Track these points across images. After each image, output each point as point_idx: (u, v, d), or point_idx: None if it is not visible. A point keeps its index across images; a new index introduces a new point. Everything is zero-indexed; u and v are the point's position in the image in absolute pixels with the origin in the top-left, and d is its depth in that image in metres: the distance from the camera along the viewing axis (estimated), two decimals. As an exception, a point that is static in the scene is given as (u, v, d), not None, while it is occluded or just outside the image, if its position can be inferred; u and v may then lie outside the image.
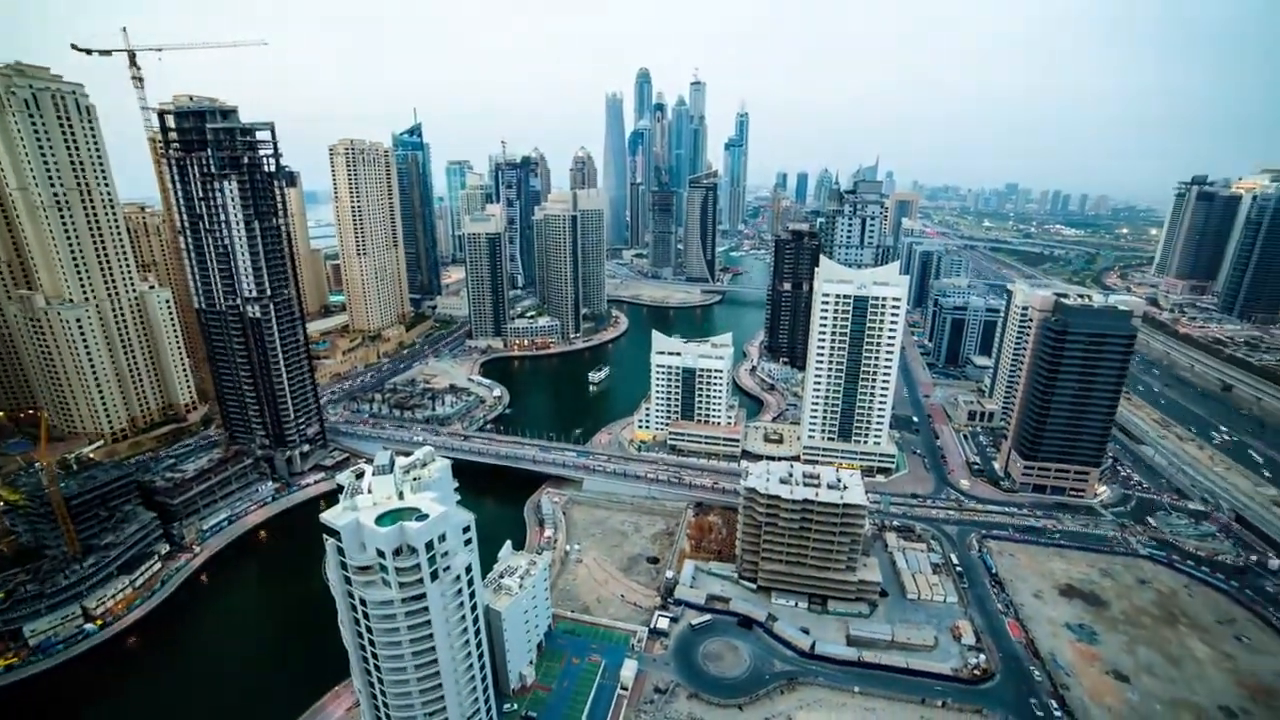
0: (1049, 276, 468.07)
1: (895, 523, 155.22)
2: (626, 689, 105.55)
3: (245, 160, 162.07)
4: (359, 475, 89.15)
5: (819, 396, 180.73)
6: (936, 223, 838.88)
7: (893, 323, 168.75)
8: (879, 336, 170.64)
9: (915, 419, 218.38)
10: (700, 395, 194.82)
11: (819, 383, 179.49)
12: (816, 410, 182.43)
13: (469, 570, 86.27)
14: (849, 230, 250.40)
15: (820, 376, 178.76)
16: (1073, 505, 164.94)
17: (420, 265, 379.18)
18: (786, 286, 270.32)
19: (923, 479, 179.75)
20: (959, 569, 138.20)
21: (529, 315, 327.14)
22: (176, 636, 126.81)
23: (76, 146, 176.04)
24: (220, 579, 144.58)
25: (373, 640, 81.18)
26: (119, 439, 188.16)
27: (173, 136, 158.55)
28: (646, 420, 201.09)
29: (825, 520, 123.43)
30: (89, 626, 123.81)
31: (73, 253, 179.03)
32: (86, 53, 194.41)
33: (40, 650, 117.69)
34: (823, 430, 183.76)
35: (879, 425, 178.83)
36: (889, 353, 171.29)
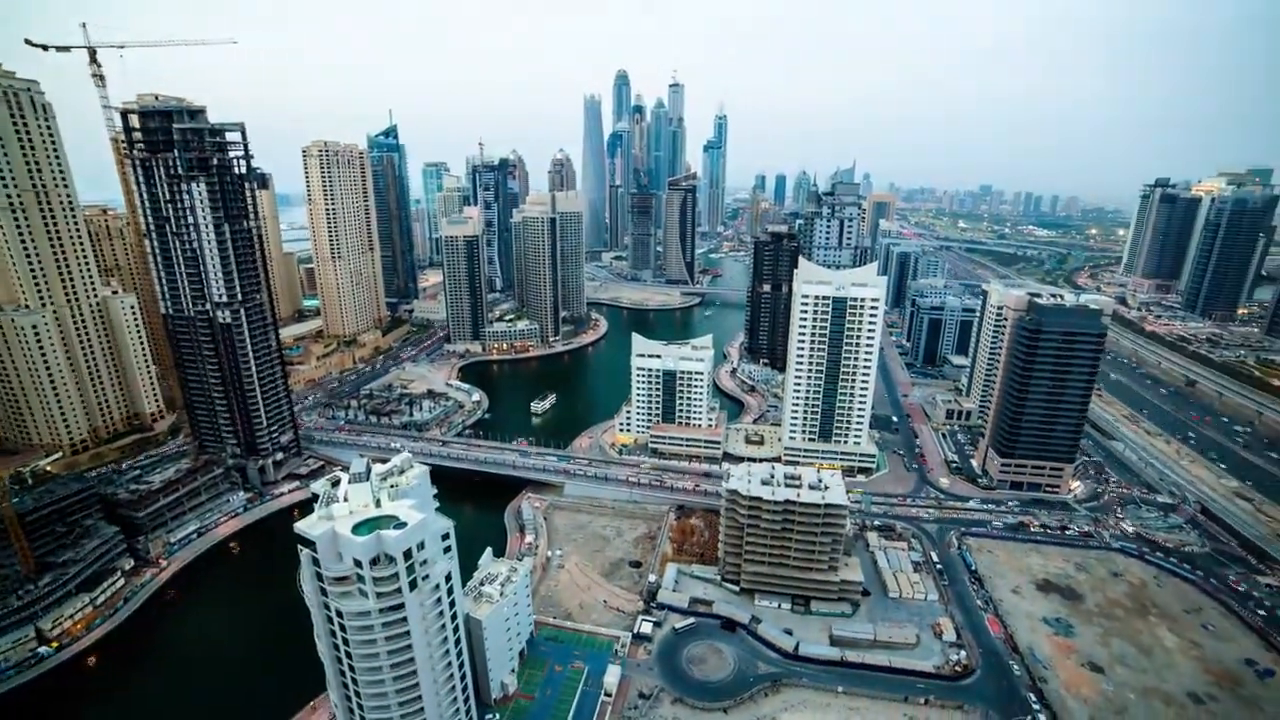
0: (1022, 276, 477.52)
1: (876, 522, 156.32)
2: (610, 695, 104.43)
3: (215, 162, 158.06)
4: (334, 483, 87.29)
5: (799, 397, 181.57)
6: (913, 224, 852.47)
7: (871, 323, 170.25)
8: (858, 337, 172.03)
9: (894, 419, 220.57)
10: (681, 398, 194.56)
11: (799, 384, 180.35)
12: (797, 411, 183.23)
13: (449, 579, 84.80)
14: (827, 232, 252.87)
15: (800, 377, 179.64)
16: (1048, 501, 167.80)
17: (396, 268, 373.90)
18: (766, 288, 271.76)
19: (903, 478, 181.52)
20: (939, 567, 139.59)
21: (508, 319, 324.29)
22: (140, 656, 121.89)
23: (32, 146, 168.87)
24: (189, 594, 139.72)
25: (349, 653, 79.30)
26: (79, 450, 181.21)
27: (137, 137, 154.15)
28: (627, 423, 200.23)
29: (807, 521, 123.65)
30: (44, 649, 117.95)
31: (29, 257, 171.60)
32: (42, 48, 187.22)
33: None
34: (803, 431, 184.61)
35: (859, 425, 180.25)
36: (868, 353, 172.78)
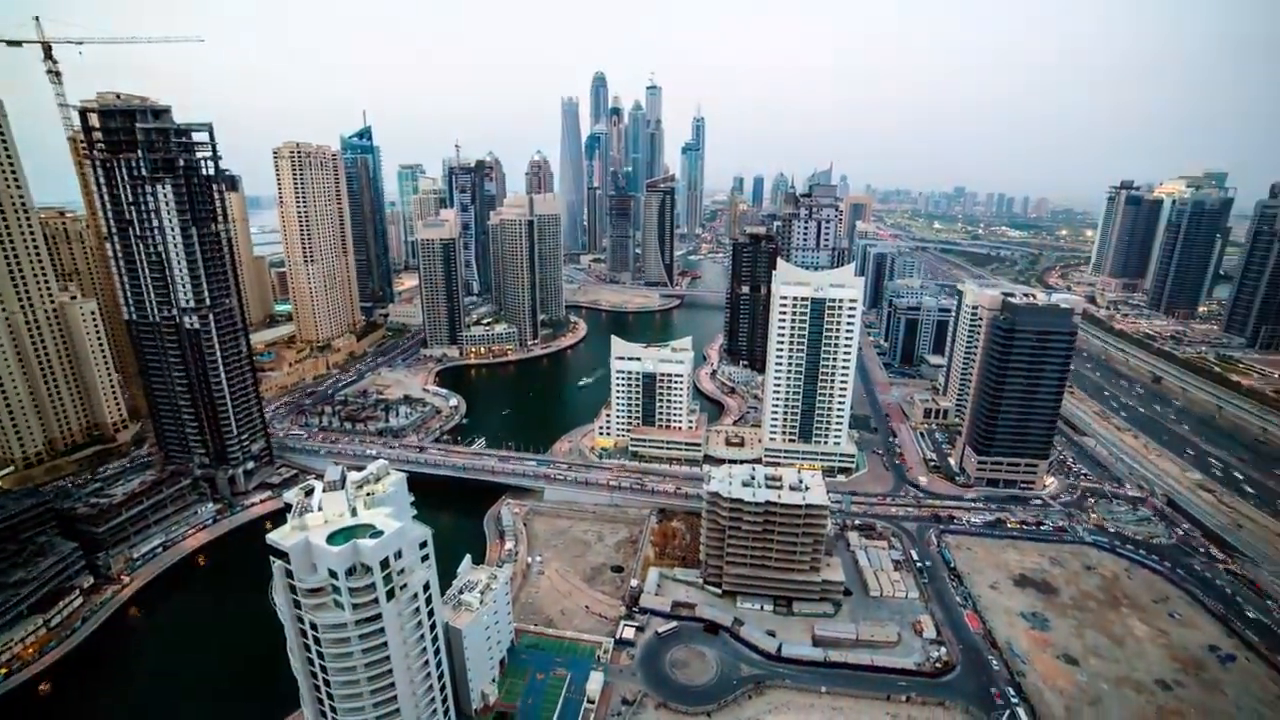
0: (996, 276, 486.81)
1: (857, 521, 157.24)
2: (593, 702, 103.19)
3: (181, 163, 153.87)
4: (308, 492, 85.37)
5: (779, 398, 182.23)
6: (889, 225, 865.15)
7: (849, 324, 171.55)
8: (836, 337, 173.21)
9: (873, 418, 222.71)
10: (661, 400, 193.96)
11: (779, 385, 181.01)
12: (777, 412, 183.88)
13: (427, 588, 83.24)
14: (805, 233, 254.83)
15: (780, 378, 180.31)
16: (1024, 497, 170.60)
17: (371, 272, 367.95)
18: (745, 289, 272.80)
19: (882, 477, 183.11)
20: (919, 564, 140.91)
21: (485, 322, 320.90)
22: (99, 679, 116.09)
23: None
24: (153, 611, 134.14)
25: (324, 666, 77.25)
26: (34, 464, 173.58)
27: (97, 137, 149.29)
28: (607, 427, 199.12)
29: (788, 522, 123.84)
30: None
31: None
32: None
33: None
34: (783, 432, 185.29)
35: (839, 425, 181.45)
36: (847, 353, 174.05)
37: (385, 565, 75.46)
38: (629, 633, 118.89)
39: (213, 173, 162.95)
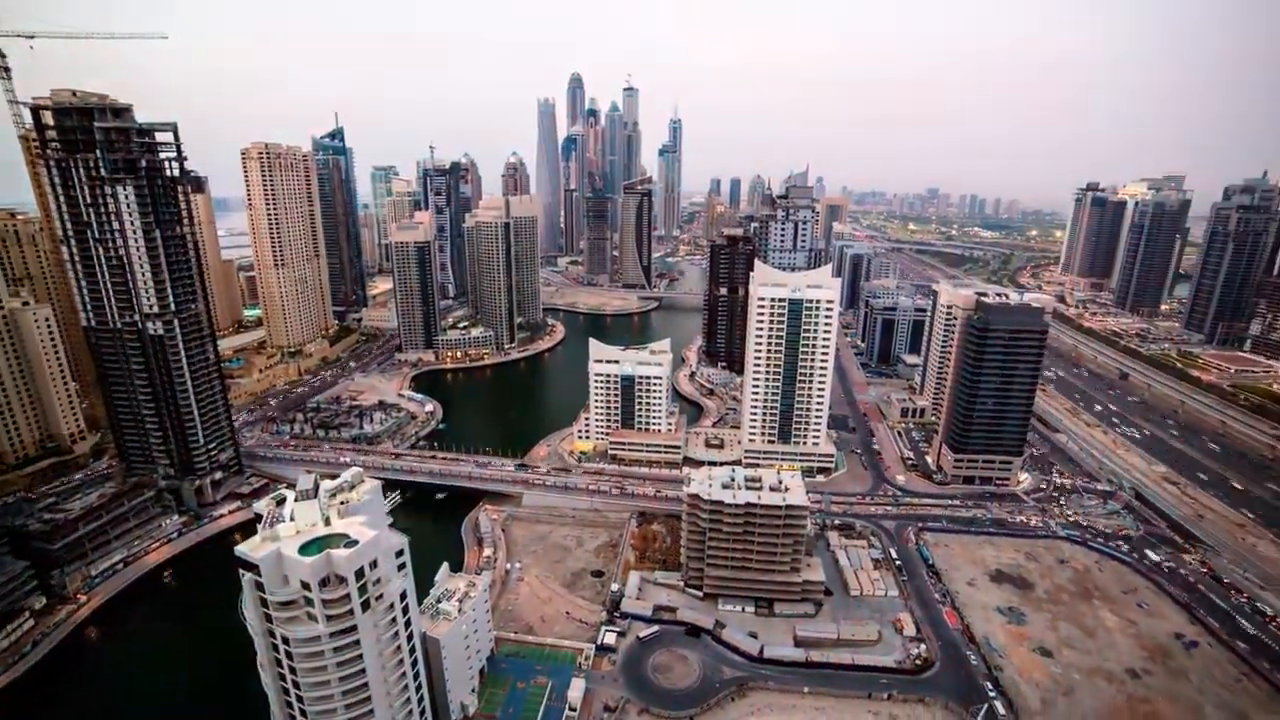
0: (970, 276, 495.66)
1: (836, 521, 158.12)
2: (575, 710, 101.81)
3: (143, 164, 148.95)
4: (279, 502, 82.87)
5: (758, 399, 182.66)
6: (865, 226, 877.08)
7: (827, 324, 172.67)
8: (814, 338, 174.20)
9: (851, 418, 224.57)
10: (640, 403, 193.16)
11: (757, 386, 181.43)
12: (756, 413, 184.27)
13: (403, 597, 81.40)
14: (782, 235, 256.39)
15: (758, 380, 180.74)
16: (999, 494, 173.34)
17: (344, 276, 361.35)
18: (723, 291, 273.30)
19: (860, 477, 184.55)
20: (898, 563, 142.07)
21: (461, 326, 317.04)
22: (52, 706, 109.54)
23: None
24: (113, 631, 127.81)
25: (297, 682, 74.94)
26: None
27: (51, 135, 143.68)
28: (586, 430, 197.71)
29: (768, 523, 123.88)
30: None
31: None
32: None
33: None
34: (763, 433, 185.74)
35: (817, 426, 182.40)
36: (824, 354, 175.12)
37: (360, 575, 73.63)
38: (610, 638, 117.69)
39: (178, 174, 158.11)
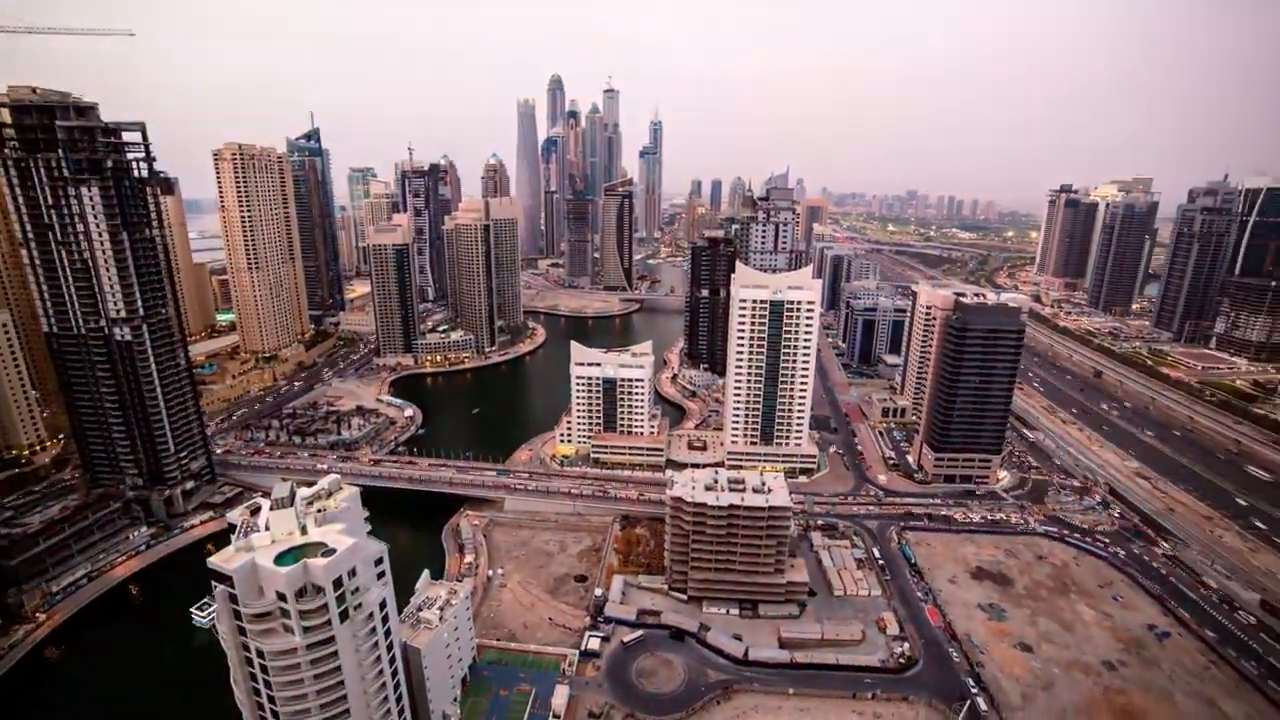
0: (948, 277, 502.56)
1: (819, 522, 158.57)
2: (559, 717, 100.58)
3: (109, 164, 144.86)
4: (254, 511, 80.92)
5: (740, 401, 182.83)
6: (845, 228, 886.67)
7: (808, 325, 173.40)
8: (796, 339, 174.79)
9: (833, 419, 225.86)
10: (622, 406, 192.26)
11: (739, 387, 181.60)
12: (738, 415, 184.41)
13: (383, 606, 79.82)
14: (763, 236, 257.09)
15: (740, 381, 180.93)
16: (979, 492, 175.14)
17: (321, 279, 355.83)
18: (704, 293, 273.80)
19: (843, 477, 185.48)
20: (881, 562, 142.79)
21: (441, 330, 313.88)
22: None
23: None
24: (75, 650, 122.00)
25: (272, 697, 73.00)
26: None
27: (9, 134, 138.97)
28: (568, 434, 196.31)
29: (752, 525, 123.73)
30: None
31: None
32: None
33: None
34: (745, 435, 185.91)
35: (799, 427, 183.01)
36: (806, 355, 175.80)
37: (338, 584, 72.05)
38: (594, 643, 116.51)
39: (146, 174, 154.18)
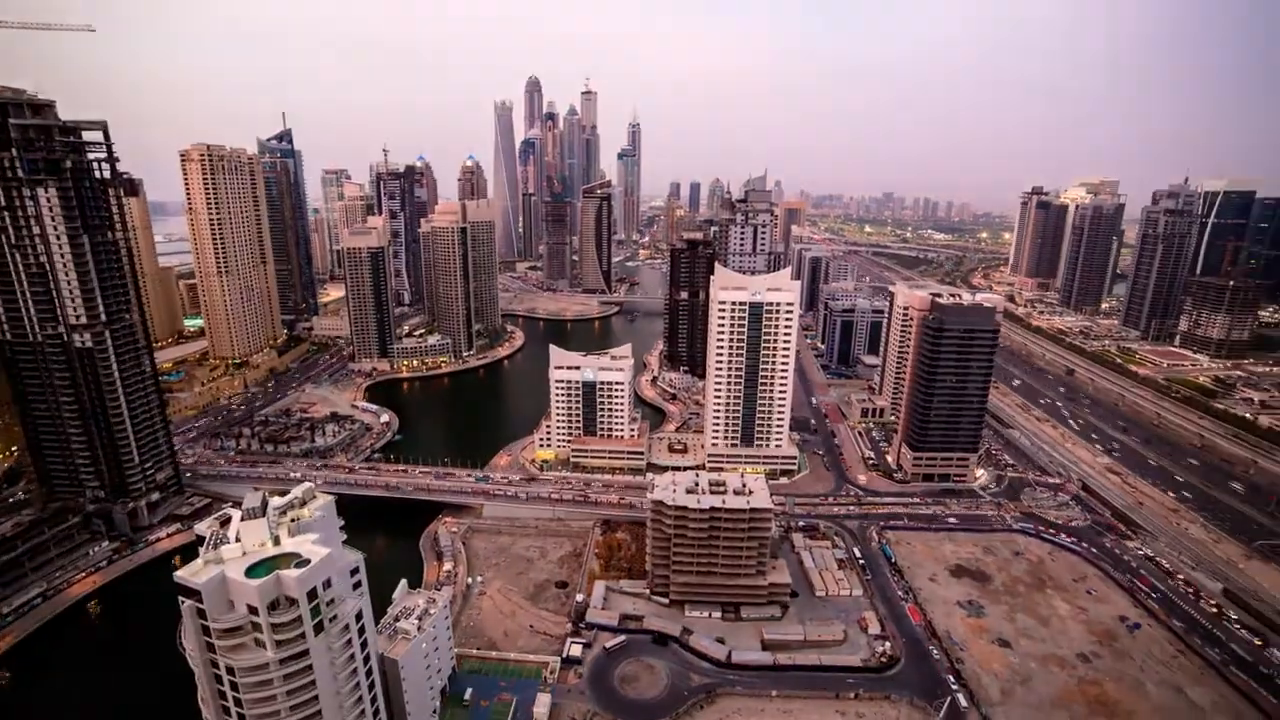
0: (924, 278, 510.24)
1: (800, 523, 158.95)
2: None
3: (68, 164, 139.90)
4: (224, 522, 78.00)
5: (720, 403, 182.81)
6: (823, 229, 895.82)
7: (787, 327, 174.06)
8: (775, 341, 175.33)
9: (813, 420, 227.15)
10: (602, 409, 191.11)
11: (719, 389, 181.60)
12: (718, 417, 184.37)
13: (359, 617, 77.59)
14: (742, 238, 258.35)
15: (720, 383, 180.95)
16: (957, 490, 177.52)
17: (293, 283, 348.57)
18: (683, 295, 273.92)
19: (823, 478, 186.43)
20: (862, 562, 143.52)
21: (418, 334, 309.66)
22: None
23: None
24: (25, 675, 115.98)
25: (243, 715, 70.33)
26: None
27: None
28: (548, 438, 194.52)
29: (733, 527, 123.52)
30: None
31: None
32: None
33: None
34: (726, 437, 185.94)
35: (779, 428, 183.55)
36: (785, 356, 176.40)
37: (313, 596, 69.81)
38: (576, 650, 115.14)
39: (109, 175, 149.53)
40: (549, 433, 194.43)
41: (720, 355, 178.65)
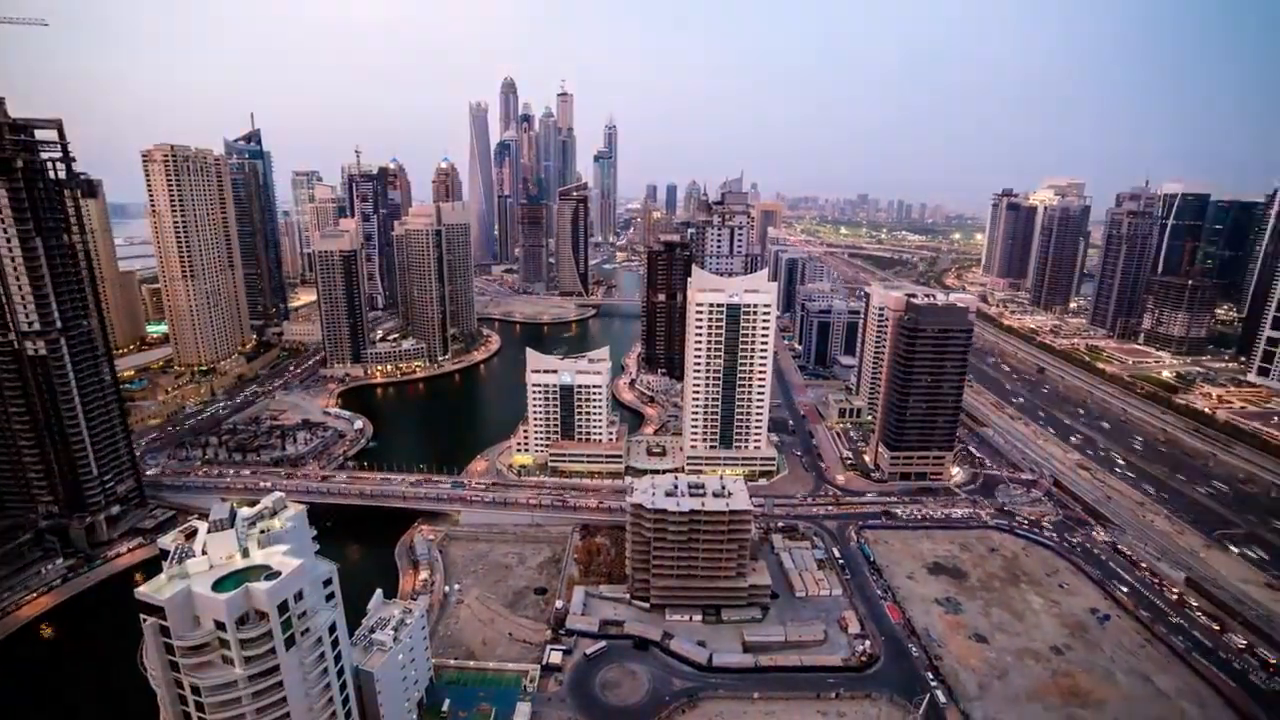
0: (899, 279, 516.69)
1: (780, 524, 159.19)
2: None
3: (19, 164, 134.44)
4: (189, 535, 75.86)
5: (698, 405, 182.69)
6: (800, 231, 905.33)
7: (765, 328, 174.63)
8: (753, 342, 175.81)
9: (791, 420, 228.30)
10: (580, 413, 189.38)
11: (697, 392, 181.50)
12: (697, 419, 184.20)
13: (333, 629, 76.01)
14: (719, 240, 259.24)
15: (698, 385, 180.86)
16: (934, 488, 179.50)
17: (263, 287, 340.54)
18: (661, 297, 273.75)
19: (802, 478, 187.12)
20: (841, 561, 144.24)
21: (392, 338, 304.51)
22: None
23: None
24: None
25: (207, 736, 67.67)
26: None
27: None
28: (525, 443, 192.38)
29: (713, 529, 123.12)
30: None
31: None
32: None
33: None
34: (704, 439, 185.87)
35: (758, 430, 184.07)
36: (763, 358, 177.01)
37: (284, 609, 68.18)
38: (556, 657, 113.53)
39: (64, 176, 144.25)
40: (526, 437, 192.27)
41: (698, 357, 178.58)
